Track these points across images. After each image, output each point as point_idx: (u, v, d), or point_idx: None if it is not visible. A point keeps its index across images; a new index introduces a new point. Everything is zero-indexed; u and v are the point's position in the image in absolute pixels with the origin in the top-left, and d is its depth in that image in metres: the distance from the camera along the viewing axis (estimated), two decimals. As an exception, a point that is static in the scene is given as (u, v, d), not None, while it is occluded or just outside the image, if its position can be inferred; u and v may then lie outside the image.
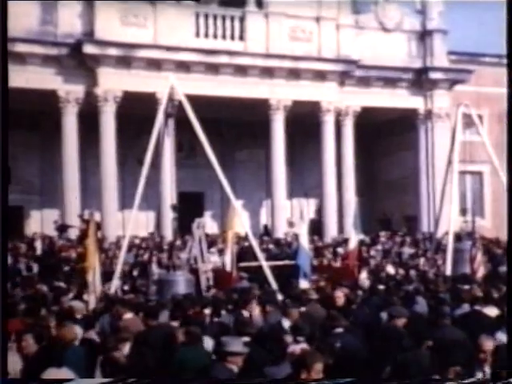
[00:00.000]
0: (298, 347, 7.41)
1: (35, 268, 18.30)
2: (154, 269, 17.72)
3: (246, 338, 7.89)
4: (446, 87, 27.34)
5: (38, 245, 20.60)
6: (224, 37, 24.45)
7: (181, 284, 14.20)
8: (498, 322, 9.20)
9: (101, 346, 8.25)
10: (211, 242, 19.80)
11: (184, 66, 23.63)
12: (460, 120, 19.59)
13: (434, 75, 27.12)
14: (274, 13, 24.94)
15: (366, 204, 28.39)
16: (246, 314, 10.25)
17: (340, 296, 11.10)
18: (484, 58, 29.53)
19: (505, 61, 31.52)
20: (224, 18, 24.53)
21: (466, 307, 10.35)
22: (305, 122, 25.61)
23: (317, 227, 25.26)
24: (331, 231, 25.32)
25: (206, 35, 24.25)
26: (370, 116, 26.41)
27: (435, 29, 27.30)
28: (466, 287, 12.91)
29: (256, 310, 10.48)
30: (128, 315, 9.70)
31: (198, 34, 24.17)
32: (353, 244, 18.33)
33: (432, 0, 27.29)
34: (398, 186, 28.74)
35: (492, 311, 9.96)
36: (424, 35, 27.36)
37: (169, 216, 20.42)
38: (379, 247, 22.78)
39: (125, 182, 23.92)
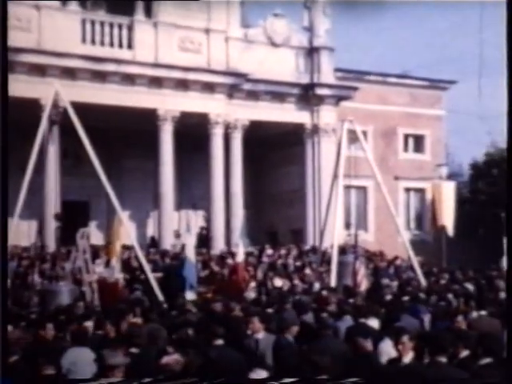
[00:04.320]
0: (171, 358, 7.33)
1: None
2: (37, 279, 17.14)
3: (134, 349, 7.85)
4: (333, 103, 27.87)
5: None
6: (112, 44, 23.98)
7: (64, 295, 13.82)
8: (380, 333, 9.37)
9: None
10: (96, 252, 19.32)
11: (69, 73, 22.99)
12: (345, 135, 19.99)
13: (320, 91, 27.58)
14: (163, 22, 24.70)
15: (253, 216, 28.55)
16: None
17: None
18: (369, 76, 30.38)
19: (389, 79, 32.56)
20: (112, 26, 24.06)
21: (348, 319, 10.47)
22: (194, 134, 25.46)
23: (204, 239, 25.15)
24: (219, 243, 25.24)
25: (93, 42, 23.71)
26: (258, 129, 26.56)
27: (322, 46, 27.82)
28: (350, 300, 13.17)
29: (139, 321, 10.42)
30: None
31: (84, 41, 23.62)
32: (241, 256, 18.39)
33: (319, 18, 27.80)
34: (285, 199, 29.04)
35: (374, 323, 10.14)
36: (311, 52, 27.84)
37: (52, 225, 19.83)
38: (266, 259, 22.89)
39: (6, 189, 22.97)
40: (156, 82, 24.50)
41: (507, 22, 8.37)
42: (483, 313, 10.65)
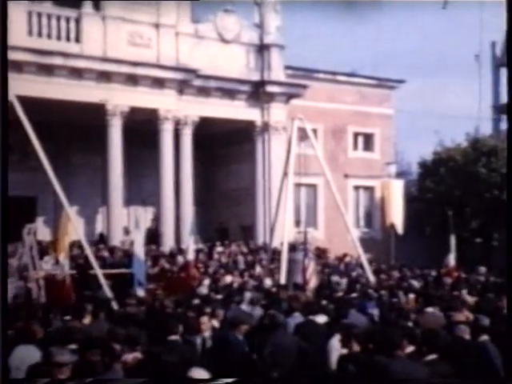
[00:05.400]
0: (130, 356, 7.30)
1: None
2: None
3: (73, 346, 7.69)
4: (283, 101, 27.92)
5: None
6: (59, 37, 23.58)
7: (10, 292, 13.53)
8: (329, 330, 9.42)
9: None
10: (44, 249, 18.99)
11: (15, 66, 22.44)
12: (295, 133, 19.97)
13: (270, 88, 27.60)
14: (112, 16, 24.36)
15: (203, 213, 28.43)
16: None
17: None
18: (318, 74, 30.50)
19: (338, 77, 32.70)
20: (59, 18, 23.64)
21: (297, 316, 10.49)
22: (143, 129, 25.22)
23: (154, 235, 24.93)
24: (168, 240, 25.06)
25: (40, 35, 23.27)
26: (208, 126, 26.44)
27: (272, 43, 27.82)
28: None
29: (87, 319, 10.34)
30: None
31: (30, 33, 23.14)
32: (191, 253, 18.28)
33: (270, 15, 27.78)
34: (235, 196, 28.99)
35: (322, 319, 10.18)
36: (262, 49, 27.80)
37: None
38: (216, 256, 22.82)
39: None
40: (104, 77, 24.17)
41: (507, 22, 8.40)
42: (430, 309, 10.76)
